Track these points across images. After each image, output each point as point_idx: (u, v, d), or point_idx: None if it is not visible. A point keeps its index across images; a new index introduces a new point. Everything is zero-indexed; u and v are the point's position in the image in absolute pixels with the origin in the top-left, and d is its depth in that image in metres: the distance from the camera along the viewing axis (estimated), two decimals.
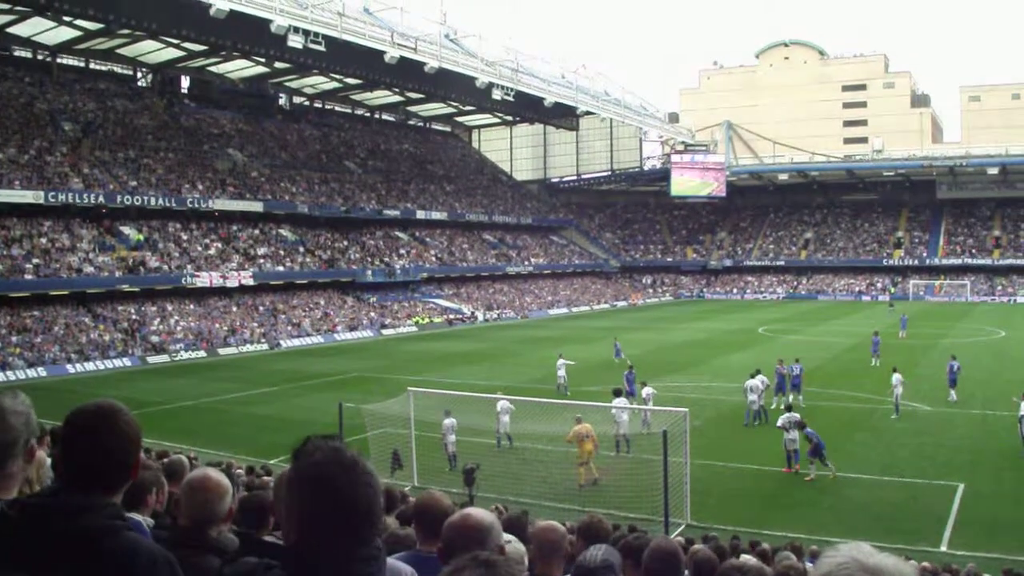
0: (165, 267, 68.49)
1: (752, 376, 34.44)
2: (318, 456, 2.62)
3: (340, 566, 2.57)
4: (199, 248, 73.38)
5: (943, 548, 19.46)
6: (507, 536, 4.35)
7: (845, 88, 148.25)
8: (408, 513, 9.05)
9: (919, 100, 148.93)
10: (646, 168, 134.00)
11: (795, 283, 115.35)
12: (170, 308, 66.83)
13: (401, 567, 3.37)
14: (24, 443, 3.00)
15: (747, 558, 8.38)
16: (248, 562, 2.92)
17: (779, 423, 27.14)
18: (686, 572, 5.93)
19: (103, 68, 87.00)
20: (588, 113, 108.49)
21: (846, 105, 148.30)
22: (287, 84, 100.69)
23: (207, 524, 4.01)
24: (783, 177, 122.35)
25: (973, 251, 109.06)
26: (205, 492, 4.06)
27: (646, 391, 32.79)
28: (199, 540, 3.92)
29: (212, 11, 61.12)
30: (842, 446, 29.84)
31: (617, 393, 30.25)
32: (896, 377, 34.20)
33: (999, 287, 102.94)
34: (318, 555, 2.58)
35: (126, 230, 70.18)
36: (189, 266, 69.94)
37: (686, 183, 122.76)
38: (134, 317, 63.72)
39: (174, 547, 3.76)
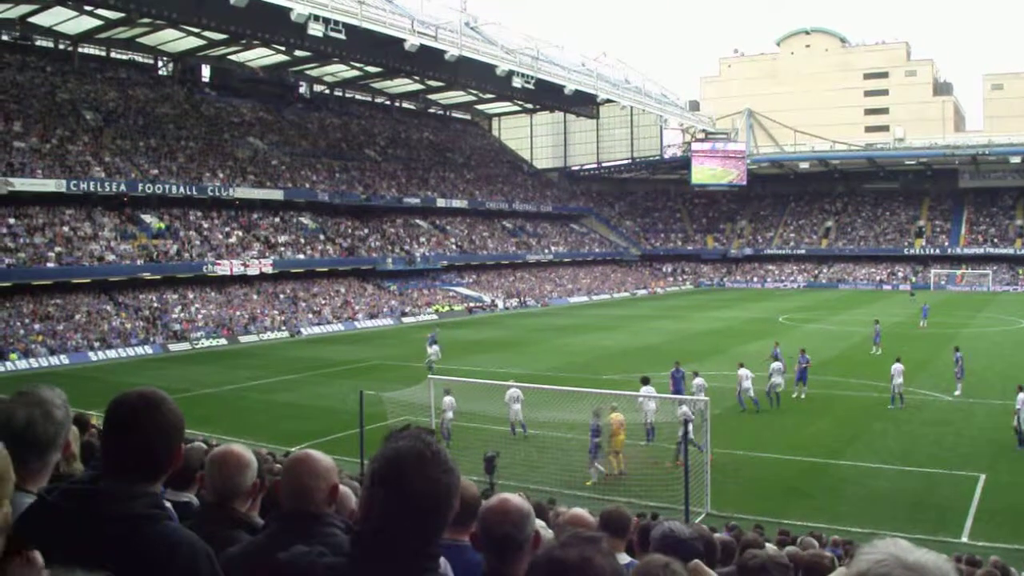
0: (186, 255, 68.71)
1: (741, 366, 34.69)
2: (402, 443, 2.70)
3: (398, 552, 2.63)
4: (220, 236, 73.60)
5: (964, 539, 19.40)
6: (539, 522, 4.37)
7: (867, 76, 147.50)
8: None
9: (941, 88, 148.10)
10: (666, 156, 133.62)
11: (816, 272, 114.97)
12: (191, 296, 67.08)
13: None
14: (64, 435, 3.03)
15: (771, 548, 8.38)
16: (301, 548, 2.97)
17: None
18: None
19: (124, 57, 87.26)
20: (608, 101, 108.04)
21: (867, 93, 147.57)
22: (307, 72, 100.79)
23: (231, 498, 4.03)
24: (804, 165, 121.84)
25: (995, 240, 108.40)
26: (227, 466, 4.08)
27: (697, 381, 31.77)
28: (226, 515, 3.95)
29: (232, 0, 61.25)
30: (861, 435, 29.85)
31: (645, 381, 30.09)
32: (895, 367, 33.95)
33: (1021, 276, 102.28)
34: (379, 538, 2.64)
35: (147, 218, 70.44)
36: (210, 254, 70.14)
37: (706, 171, 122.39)
38: (155, 305, 63.98)
39: (202, 523, 3.80)
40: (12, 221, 61.46)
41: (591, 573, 2.41)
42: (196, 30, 77.52)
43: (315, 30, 66.92)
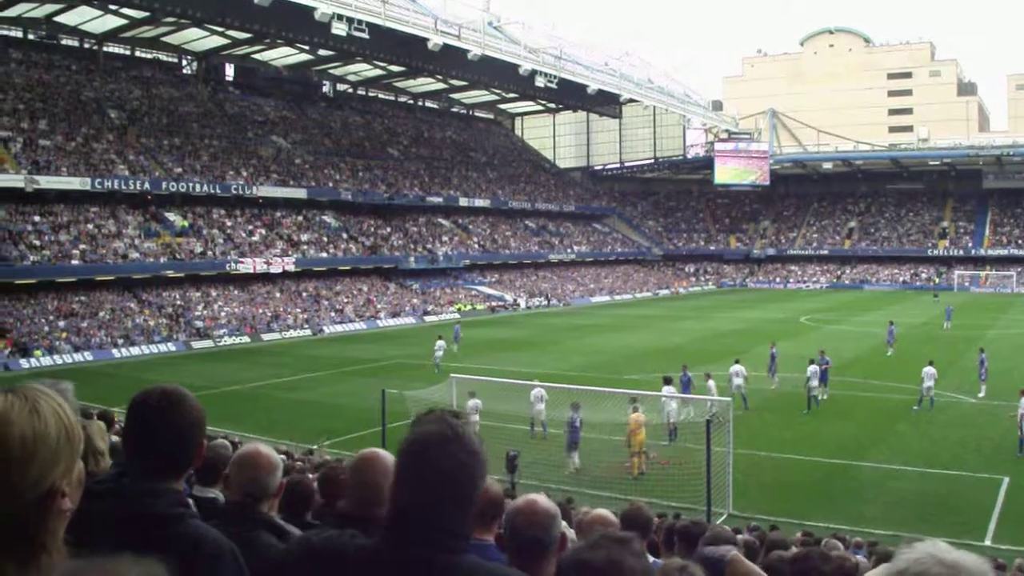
0: (209, 253, 68.99)
1: (736, 362, 34.64)
2: (428, 426, 2.68)
3: (428, 533, 2.61)
4: (243, 234, 73.85)
5: (988, 542, 19.27)
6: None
7: (890, 76, 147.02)
8: None
9: (965, 88, 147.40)
10: (689, 156, 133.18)
11: (839, 272, 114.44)
12: (214, 294, 67.32)
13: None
14: None
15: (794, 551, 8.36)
16: (334, 532, 2.97)
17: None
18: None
19: (148, 56, 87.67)
20: (631, 101, 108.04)
21: (891, 93, 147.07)
22: (331, 71, 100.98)
23: (258, 499, 4.00)
24: (827, 166, 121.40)
25: (1019, 241, 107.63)
26: (256, 467, 4.04)
27: (710, 384, 31.51)
28: (250, 516, 3.94)
29: None
30: (884, 437, 29.71)
31: (667, 381, 30.03)
32: (927, 371, 33.65)
33: None
34: (409, 520, 2.61)
35: (171, 216, 70.74)
36: (233, 252, 70.39)
37: (729, 171, 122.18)
38: (179, 302, 64.25)
39: (226, 522, 3.81)
40: (37, 219, 61.88)
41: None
42: (220, 29, 77.86)
43: (339, 29, 67.11)
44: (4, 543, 1.88)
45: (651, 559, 5.68)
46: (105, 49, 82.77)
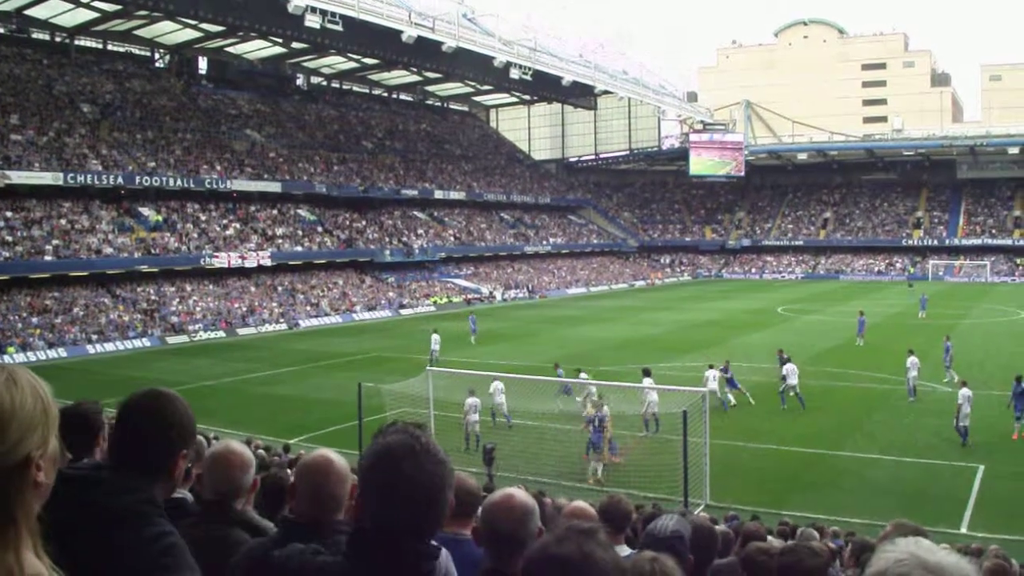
0: (184, 248, 68.62)
1: (709, 367, 34.07)
2: (392, 438, 2.63)
3: (396, 549, 2.56)
4: (217, 229, 73.49)
5: (964, 529, 19.39)
6: None
7: (865, 67, 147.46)
8: None
9: (939, 79, 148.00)
10: (664, 147, 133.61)
11: (814, 263, 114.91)
12: (189, 289, 66.99)
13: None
14: None
15: (772, 540, 8.34)
16: (296, 547, 2.90)
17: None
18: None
19: (121, 49, 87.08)
20: (606, 92, 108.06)
21: (865, 84, 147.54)
22: (304, 64, 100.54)
23: (231, 497, 3.97)
24: (802, 156, 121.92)
25: (993, 231, 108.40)
26: (228, 466, 4.01)
27: (582, 374, 31.47)
28: (224, 514, 3.89)
29: None
30: (861, 427, 29.85)
31: (646, 373, 30.02)
32: (911, 361, 33.80)
33: (1019, 267, 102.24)
34: (376, 536, 2.57)
35: (145, 211, 70.30)
36: (208, 247, 70.03)
37: (704, 162, 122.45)
38: (153, 298, 63.89)
39: (201, 522, 3.75)
40: (9, 214, 61.35)
41: (594, 569, 2.33)
42: (193, 22, 77.16)
43: (312, 22, 66.83)
44: None
45: (629, 551, 5.64)
46: (77, 43, 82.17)
